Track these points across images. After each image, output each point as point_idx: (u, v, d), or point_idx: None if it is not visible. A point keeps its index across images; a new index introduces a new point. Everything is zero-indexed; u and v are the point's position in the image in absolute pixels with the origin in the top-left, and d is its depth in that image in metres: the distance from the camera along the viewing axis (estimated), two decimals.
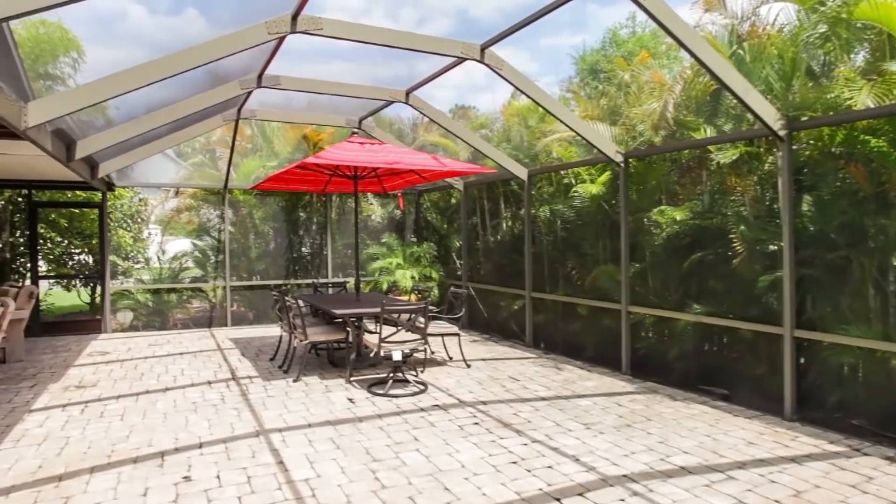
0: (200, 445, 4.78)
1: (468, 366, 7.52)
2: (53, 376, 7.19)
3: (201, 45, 5.18)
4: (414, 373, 6.98)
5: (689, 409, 5.70)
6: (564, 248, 8.93)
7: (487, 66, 6.34)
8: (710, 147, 6.51)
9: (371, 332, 6.71)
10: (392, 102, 8.32)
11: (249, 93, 8.22)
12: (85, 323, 10.72)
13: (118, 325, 10.83)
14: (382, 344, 6.15)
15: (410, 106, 8.14)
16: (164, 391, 6.47)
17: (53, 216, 11.57)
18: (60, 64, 13.42)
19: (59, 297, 12.19)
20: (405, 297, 10.54)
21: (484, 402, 5.93)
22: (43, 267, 11.65)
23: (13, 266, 11.02)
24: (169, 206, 12.12)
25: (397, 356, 6.15)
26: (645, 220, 7.50)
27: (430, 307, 6.39)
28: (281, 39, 6.12)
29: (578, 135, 7.09)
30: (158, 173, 13.98)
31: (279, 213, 11.94)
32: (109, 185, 10.40)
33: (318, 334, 6.92)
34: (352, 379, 6.78)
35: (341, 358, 7.84)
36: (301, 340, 6.92)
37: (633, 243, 7.41)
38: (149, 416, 5.56)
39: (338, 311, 6.56)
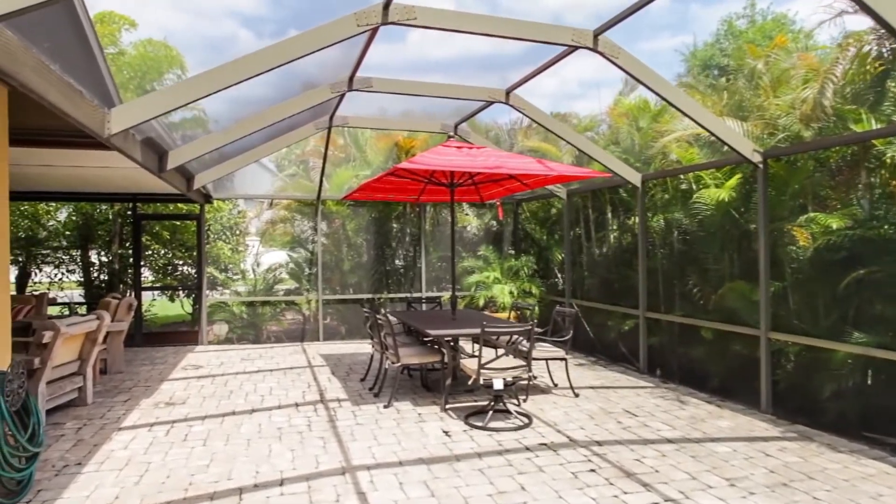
0: (282, 482, 4.28)
1: (576, 395, 6.67)
2: (147, 391, 7.06)
3: (289, 40, 4.75)
4: (516, 402, 6.23)
5: (860, 465, 4.57)
6: (683, 262, 7.88)
7: (601, 54, 5.54)
8: (874, 141, 5.37)
9: (469, 356, 6.02)
10: (491, 103, 7.67)
11: (341, 98, 7.87)
12: (184, 334, 10.80)
13: (214, 336, 10.83)
14: (482, 370, 5.46)
15: (511, 106, 7.46)
16: (251, 413, 6.10)
17: (157, 228, 11.85)
18: (165, 80, 14.03)
19: (163, 306, 12.46)
20: (503, 315, 9.81)
21: (599, 443, 5.08)
22: (150, 277, 11.95)
23: (121, 277, 11.33)
24: (265, 217, 12.11)
25: (498, 385, 5.43)
26: (784, 230, 6.37)
27: (535, 328, 5.63)
28: (371, 36, 5.65)
29: (708, 131, 6.12)
30: (256, 185, 14.12)
31: (372, 225, 11.60)
32: (207, 198, 10.45)
33: (411, 356, 6.33)
34: (447, 407, 6.13)
35: (435, 381, 7.22)
36: (393, 362, 6.36)
37: (770, 258, 6.30)
38: (232, 442, 5.16)
39: (432, 332, 5.94)
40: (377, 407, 6.23)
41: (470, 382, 5.54)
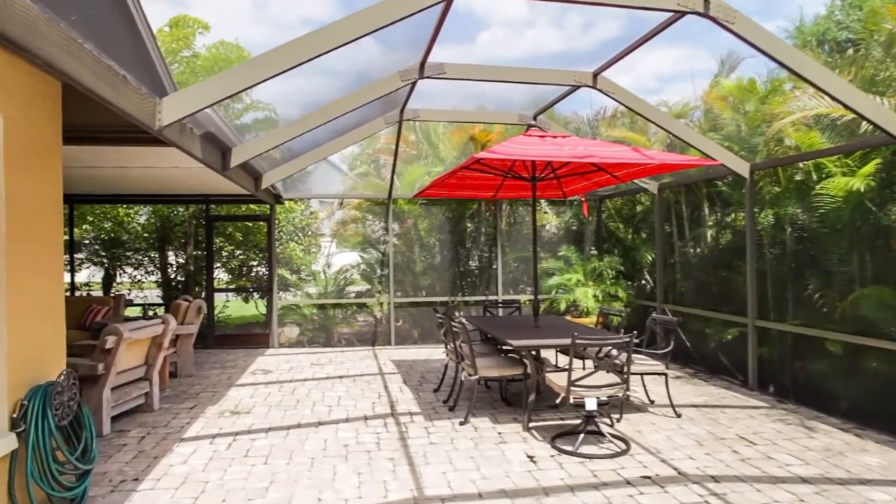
0: None
1: (678, 415, 5.84)
2: (214, 397, 6.79)
3: (354, 15, 4.25)
4: (608, 422, 5.49)
5: None
6: (798, 264, 6.86)
7: (713, 19, 4.72)
8: None
9: (556, 369, 5.33)
10: (577, 88, 6.95)
11: (411, 89, 7.36)
12: (255, 337, 10.64)
13: (285, 339, 10.62)
14: (572, 388, 4.76)
15: (598, 90, 6.70)
16: (317, 426, 5.66)
17: (230, 229, 11.79)
18: None
19: (238, 307, 12.41)
20: (586, 321, 9.03)
21: (714, 478, 4.28)
22: (224, 278, 11.93)
23: (196, 279, 11.34)
24: (336, 217, 11.83)
25: (591, 405, 4.72)
26: None
27: (633, 340, 4.87)
28: (445, 11, 5.08)
29: (849, 108, 5.16)
30: (327, 185, 13.92)
31: (445, 224, 11.07)
32: (277, 198, 10.23)
33: (489, 368, 5.71)
34: (531, 426, 5.47)
35: (516, 394, 6.56)
36: (470, 374, 5.76)
37: None
38: (294, 461, 4.72)
39: (514, 342, 5.30)
40: (452, 423, 5.65)
41: (558, 401, 4.86)
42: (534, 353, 5.65)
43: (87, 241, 11.72)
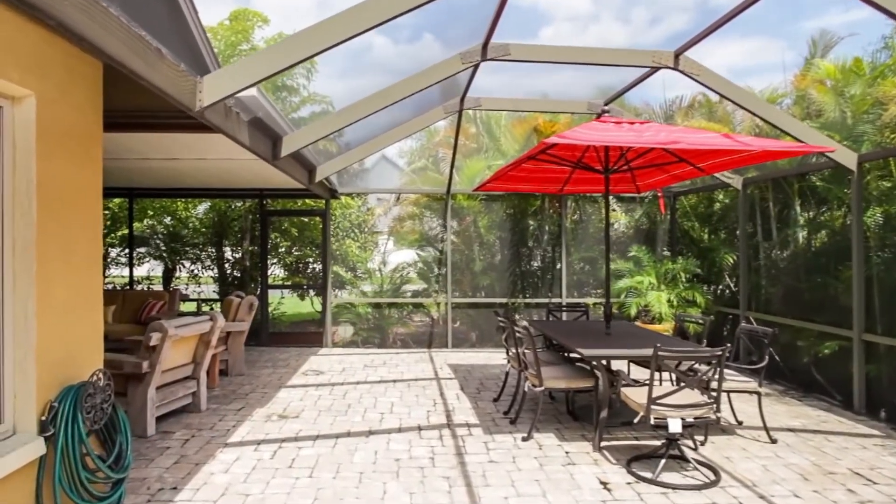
0: None
1: (772, 440, 5.11)
2: (263, 399, 6.50)
3: None
4: (691, 445, 4.84)
5: None
6: None
7: None
8: None
9: (634, 383, 4.73)
10: (656, 70, 6.28)
11: (473, 74, 6.88)
12: (309, 335, 10.40)
13: (339, 339, 10.33)
14: (653, 406, 4.15)
15: (681, 72, 6.02)
16: (367, 435, 5.25)
17: (286, 225, 11.62)
18: (295, 75, 13.95)
19: (293, 304, 12.25)
20: (658, 328, 8.31)
21: None
22: (280, 274, 11.78)
23: (252, 274, 11.21)
24: (392, 214, 11.48)
25: (675, 427, 4.10)
26: None
27: (726, 354, 4.21)
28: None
29: None
30: (383, 182, 13.63)
31: (506, 221, 10.53)
32: (332, 192, 9.94)
33: (556, 379, 5.16)
34: (602, 445, 4.88)
35: (584, 407, 5.97)
36: (534, 385, 5.22)
37: None
38: (341, 475, 4.31)
39: (586, 352, 4.72)
40: (514, 439, 5.12)
41: (636, 420, 4.25)
42: (604, 363, 5.05)
43: (147, 235, 11.80)
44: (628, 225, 10.56)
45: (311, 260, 11.81)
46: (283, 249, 11.84)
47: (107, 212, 11.48)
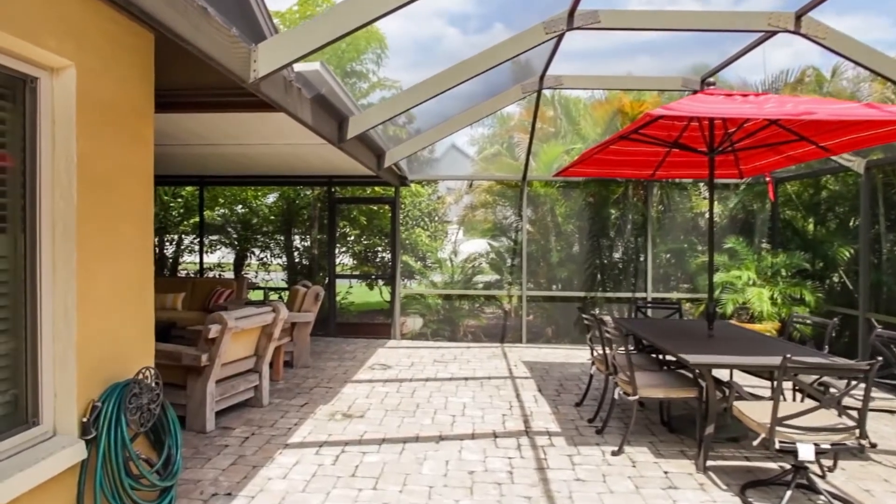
0: None
1: None
2: (327, 394, 6.17)
3: None
4: (819, 472, 4.09)
5: None
6: None
7: None
8: None
9: (750, 397, 4.02)
10: (771, 35, 5.45)
11: (555, 48, 6.27)
12: (377, 327, 10.09)
13: (408, 330, 9.96)
14: (778, 427, 3.45)
15: (803, 36, 5.18)
16: (437, 441, 4.79)
17: (355, 213, 11.35)
18: (364, 59, 13.62)
19: (362, 293, 11.99)
20: (759, 328, 7.42)
21: None
22: (348, 263, 11.56)
23: (320, 263, 11.02)
24: (464, 202, 10.99)
25: (807, 453, 3.39)
26: None
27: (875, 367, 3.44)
28: None
29: None
30: (454, 171, 13.15)
31: (585, 210, 9.81)
32: (402, 180, 9.53)
33: (653, 387, 4.51)
34: (708, 466, 4.20)
35: (680, 418, 5.29)
36: (627, 394, 4.59)
37: None
38: (408, 489, 3.86)
39: (692, 359, 4.05)
40: (602, 452, 4.52)
41: (756, 443, 3.57)
42: (709, 372, 4.35)
43: (219, 223, 11.84)
44: (722, 214, 9.61)
45: (380, 249, 11.51)
46: (352, 238, 11.59)
47: (180, 199, 11.59)
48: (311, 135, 5.45)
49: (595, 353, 5.69)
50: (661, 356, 5.63)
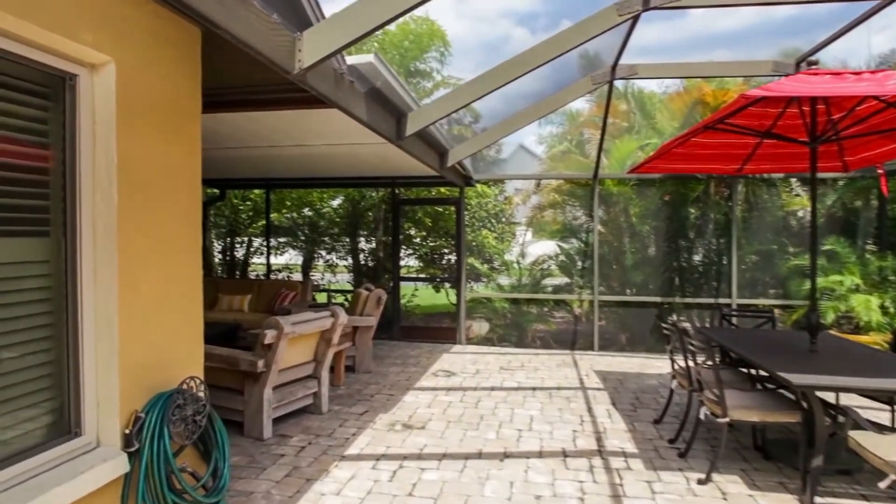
0: None
1: None
2: (388, 403, 5.95)
3: None
4: None
5: None
6: None
7: None
8: None
9: (868, 426, 3.45)
10: (882, 7, 4.79)
11: (628, 34, 5.81)
12: (442, 330, 9.82)
13: (473, 335, 9.65)
14: None
15: None
16: (502, 459, 4.45)
17: (420, 214, 11.15)
18: (427, 58, 13.39)
19: (428, 296, 11.77)
20: (865, 339, 6.64)
21: None
22: (414, 265, 11.38)
23: (385, 265, 10.89)
24: (532, 202, 10.57)
25: None
26: None
27: None
28: None
29: None
30: (521, 171, 12.76)
31: (662, 210, 9.19)
32: (467, 180, 9.23)
33: (746, 409, 3.98)
34: (816, 503, 3.65)
35: (778, 442, 4.70)
36: (716, 415, 4.09)
37: None
38: None
39: (795, 380, 3.52)
40: (686, 479, 4.04)
41: (882, 484, 3.02)
42: (815, 396, 3.79)
43: (287, 225, 11.93)
44: (818, 213, 8.75)
45: (445, 251, 11.26)
46: (418, 240, 11.40)
47: (249, 202, 11.75)
48: (369, 134, 5.24)
49: (676, 367, 5.18)
50: (752, 371, 5.05)
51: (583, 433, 5.05)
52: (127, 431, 2.85)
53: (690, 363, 4.52)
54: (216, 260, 11.83)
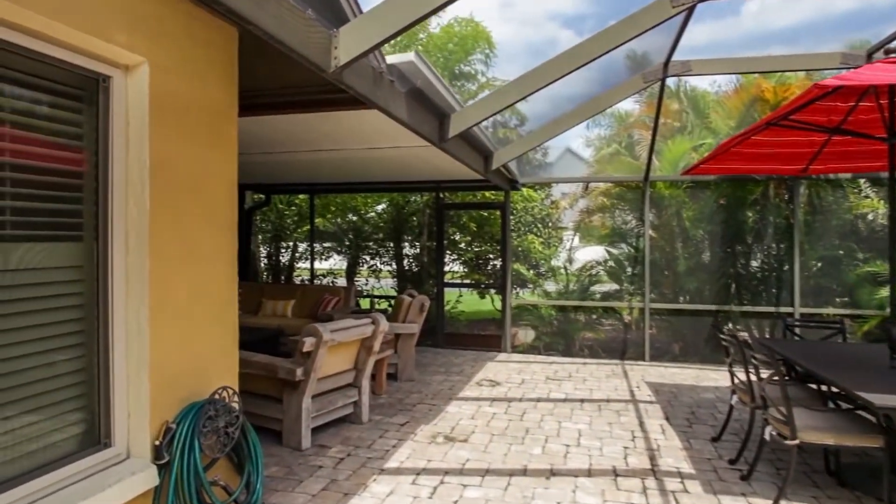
0: None
1: None
2: (430, 413, 5.78)
3: None
4: None
5: None
6: None
7: None
8: None
9: None
10: None
11: (683, 27, 5.52)
12: (487, 338, 9.61)
13: (519, 342, 9.40)
14: None
15: None
16: (548, 477, 4.21)
17: (465, 219, 10.97)
18: (472, 61, 13.21)
19: (472, 302, 11.57)
20: None
21: None
22: (459, 271, 11.21)
23: (430, 270, 10.76)
24: (579, 206, 10.26)
25: None
26: None
27: None
28: None
29: None
30: (567, 175, 12.47)
31: (717, 213, 8.75)
32: (513, 183, 9.01)
33: (818, 431, 3.64)
34: None
35: (856, 468, 4.32)
36: (784, 436, 3.76)
37: None
38: None
39: (877, 400, 3.18)
40: None
41: None
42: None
43: (332, 231, 11.95)
44: (887, 215, 8.17)
45: (490, 256, 11.05)
46: (462, 245, 11.23)
47: (294, 207, 11.81)
48: (411, 136, 5.10)
49: (736, 381, 4.83)
50: (823, 387, 4.66)
51: (635, 450, 4.76)
52: (157, 443, 2.76)
53: (753, 377, 4.19)
54: (261, 265, 11.95)
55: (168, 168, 2.81)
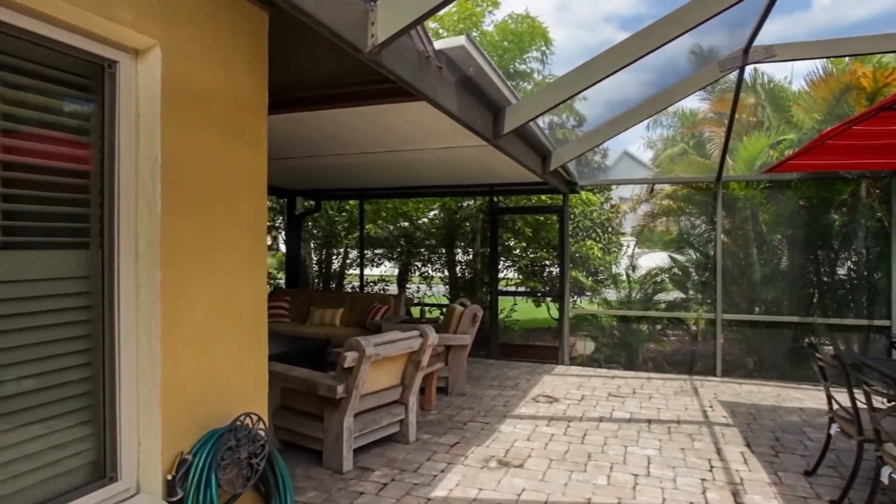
0: None
1: None
2: (482, 433, 5.33)
3: None
4: None
5: None
6: None
7: None
8: None
9: None
10: None
11: (766, 10, 4.92)
12: (543, 349, 9.08)
13: (577, 354, 8.84)
14: None
15: None
16: None
17: (520, 224, 10.48)
18: (527, 59, 12.68)
19: (528, 310, 11.06)
20: None
21: None
22: (514, 278, 10.73)
23: (483, 277, 10.33)
24: (642, 210, 9.63)
25: None
26: None
27: None
28: None
29: None
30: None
31: (798, 216, 7.96)
32: (571, 186, 8.47)
33: None
34: None
35: None
36: (892, 468, 3.14)
37: None
38: None
39: None
40: None
41: None
42: None
43: (383, 237, 11.69)
44: None
45: (547, 263, 10.52)
46: (517, 251, 10.74)
47: (344, 213, 11.60)
48: (462, 134, 4.71)
49: (833, 406, 4.19)
50: None
51: (714, 483, 4.19)
52: (170, 477, 2.44)
53: (860, 404, 3.57)
54: (312, 272, 11.79)
55: (184, 166, 2.50)
